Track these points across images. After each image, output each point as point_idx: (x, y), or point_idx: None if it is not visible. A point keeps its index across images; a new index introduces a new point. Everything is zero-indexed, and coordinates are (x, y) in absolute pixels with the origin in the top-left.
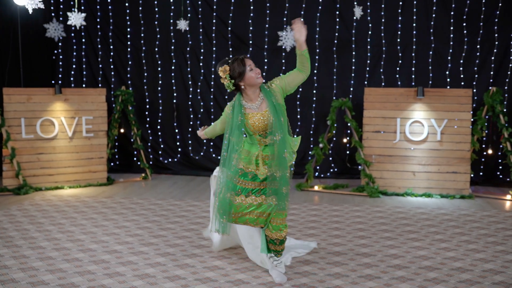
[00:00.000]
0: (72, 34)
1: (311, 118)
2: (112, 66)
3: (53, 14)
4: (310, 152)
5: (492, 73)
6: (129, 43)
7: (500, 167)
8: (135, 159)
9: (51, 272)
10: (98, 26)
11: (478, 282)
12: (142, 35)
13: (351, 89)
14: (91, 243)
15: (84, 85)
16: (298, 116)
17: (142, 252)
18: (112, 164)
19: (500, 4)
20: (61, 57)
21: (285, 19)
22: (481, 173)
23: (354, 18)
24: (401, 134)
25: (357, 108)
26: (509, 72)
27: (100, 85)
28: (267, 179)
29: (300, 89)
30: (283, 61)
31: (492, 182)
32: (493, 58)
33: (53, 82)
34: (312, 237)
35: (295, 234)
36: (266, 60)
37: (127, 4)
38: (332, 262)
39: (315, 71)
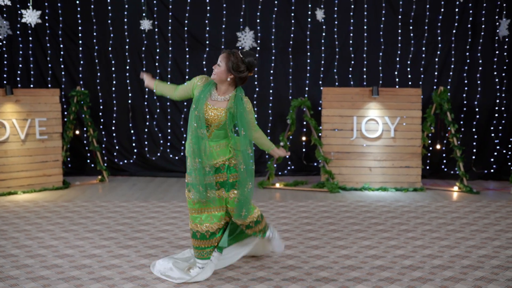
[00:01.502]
0: (18, 32)
1: (268, 117)
2: (62, 66)
3: None
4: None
5: (436, 73)
6: (80, 42)
7: (445, 161)
8: (88, 161)
9: (32, 280)
10: (47, 24)
11: (449, 266)
12: (95, 34)
13: (306, 88)
14: (66, 249)
15: (31, 85)
16: (256, 116)
17: (122, 255)
18: (63, 167)
19: (442, 10)
20: (5, 56)
21: (241, 20)
22: (427, 167)
23: (317, 20)
24: (357, 132)
25: (313, 107)
26: (451, 73)
27: (49, 85)
28: (219, 171)
29: (257, 89)
30: None
31: (437, 175)
32: (437, 59)
33: None
34: (287, 233)
35: None
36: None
37: (77, 2)
38: (313, 255)
39: (271, 71)
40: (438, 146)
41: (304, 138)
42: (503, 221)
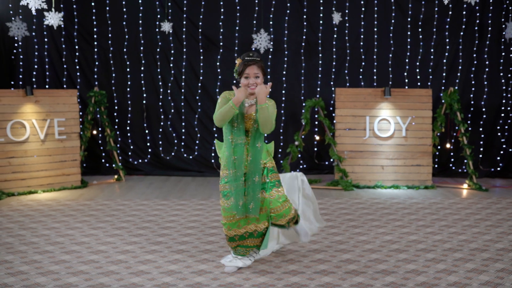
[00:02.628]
0: (34, 34)
1: (281, 117)
2: (77, 67)
3: (11, 12)
4: (279, 150)
5: (444, 74)
6: (95, 43)
7: (453, 160)
8: (103, 161)
9: (73, 274)
10: (62, 26)
11: (471, 259)
12: (110, 35)
13: (318, 89)
14: (98, 245)
15: (47, 86)
16: None
17: (155, 251)
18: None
19: (450, 13)
20: (21, 57)
21: (255, 21)
22: (436, 165)
23: (328, 22)
24: (370, 131)
25: (325, 108)
26: (459, 74)
27: (65, 86)
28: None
29: (270, 90)
30: None
31: (445, 173)
32: (445, 60)
33: (12, 83)
34: None
35: None
36: (236, 62)
37: (93, 4)
38: (339, 249)
39: (284, 72)
40: (448, 145)
41: (317, 138)
42: None
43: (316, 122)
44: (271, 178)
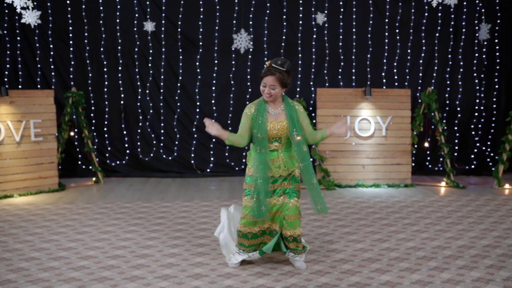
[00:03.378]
0: (5, 32)
1: None
2: (52, 67)
3: None
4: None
5: (421, 74)
6: (71, 42)
7: (429, 158)
8: (79, 162)
9: (65, 281)
10: (36, 24)
11: (460, 256)
12: (86, 34)
13: (298, 89)
14: (86, 250)
15: (20, 86)
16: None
17: (146, 255)
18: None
19: (426, 14)
20: None
21: (235, 21)
22: (413, 164)
23: (308, 22)
24: (351, 131)
25: (306, 108)
26: (434, 74)
27: (39, 86)
28: (276, 181)
29: (250, 90)
30: (233, 62)
31: (422, 172)
32: (421, 61)
33: None
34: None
35: None
36: (216, 62)
37: (68, 1)
38: (331, 250)
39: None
40: (426, 144)
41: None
42: (495, 213)
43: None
44: (294, 187)
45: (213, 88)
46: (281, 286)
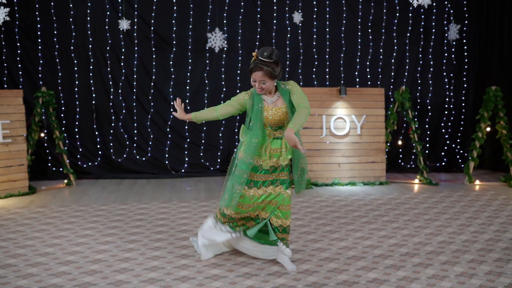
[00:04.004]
0: None
1: (235, 117)
2: (20, 66)
3: None
4: (235, 150)
5: (393, 73)
6: (39, 40)
7: (401, 156)
8: (49, 164)
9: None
10: (1, 21)
11: (442, 252)
12: (55, 32)
13: None
14: (65, 255)
15: None
16: None
17: (129, 258)
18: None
19: (397, 15)
20: None
21: (209, 20)
22: (386, 162)
23: (282, 22)
24: (326, 130)
25: None
26: (406, 73)
27: (5, 86)
28: (275, 171)
29: (224, 89)
30: (207, 61)
31: (395, 169)
32: (393, 60)
33: None
34: None
35: None
36: (190, 61)
37: None
38: (316, 248)
39: (238, 72)
40: (399, 142)
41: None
42: (469, 209)
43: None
44: (289, 178)
45: (187, 87)
46: (270, 286)
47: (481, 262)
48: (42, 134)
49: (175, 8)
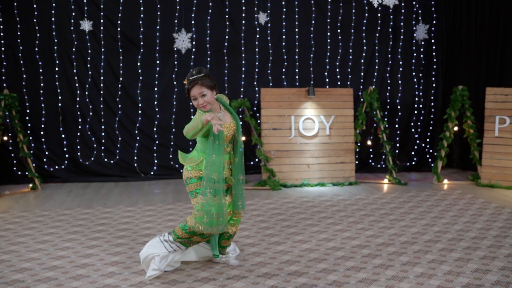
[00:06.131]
0: None
1: None
2: None
3: None
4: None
5: (362, 73)
6: (2, 41)
7: (372, 156)
8: (15, 168)
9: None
10: None
11: (403, 252)
12: (19, 33)
13: (242, 89)
14: (21, 262)
15: None
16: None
17: (86, 264)
18: None
19: (366, 15)
20: None
21: (176, 21)
22: (356, 162)
23: (251, 22)
24: (295, 130)
25: (251, 108)
26: (375, 73)
27: None
28: (226, 181)
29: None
30: (176, 62)
31: (365, 169)
32: (362, 60)
33: None
34: (245, 231)
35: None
36: (158, 62)
37: None
38: (278, 251)
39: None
40: (369, 142)
41: (243, 138)
42: (434, 208)
43: (241, 123)
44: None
45: (155, 89)
46: (255, 275)
47: (441, 262)
48: (6, 138)
49: (142, 8)
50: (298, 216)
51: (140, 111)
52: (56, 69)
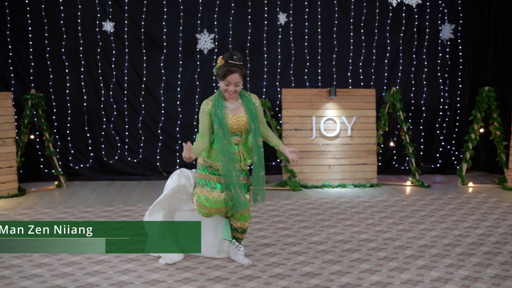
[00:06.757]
0: None
1: None
2: (11, 68)
3: None
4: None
5: (386, 74)
6: (30, 43)
7: (395, 157)
8: (41, 166)
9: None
10: None
11: (420, 256)
12: (46, 34)
13: (264, 90)
14: (41, 257)
15: None
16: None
17: (103, 261)
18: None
19: (390, 14)
20: None
21: (199, 22)
22: (380, 163)
23: (273, 23)
24: (316, 131)
25: (272, 108)
26: (399, 74)
27: None
28: (241, 174)
29: (215, 90)
30: (198, 63)
31: (389, 171)
32: (386, 61)
33: None
34: (262, 232)
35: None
36: (180, 62)
37: (27, 1)
38: (293, 252)
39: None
40: (391, 144)
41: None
42: (457, 212)
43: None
44: (248, 182)
45: (178, 89)
46: (268, 275)
47: (459, 267)
48: (33, 136)
49: (165, 9)
50: (316, 217)
51: (163, 111)
52: (82, 69)
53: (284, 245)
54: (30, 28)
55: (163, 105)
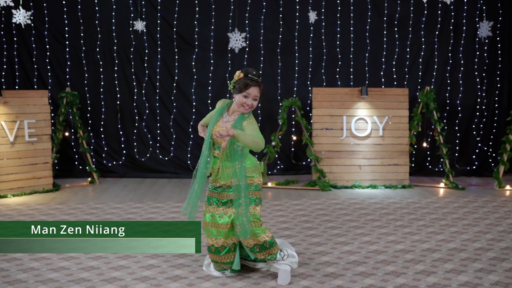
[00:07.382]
0: (2, 33)
1: (258, 118)
2: (48, 67)
3: None
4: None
5: (420, 73)
6: (67, 43)
7: (429, 159)
8: (76, 163)
9: (42, 282)
10: (32, 25)
11: (449, 259)
12: (82, 34)
13: (295, 89)
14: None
15: (17, 87)
16: None
17: (129, 256)
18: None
19: (425, 12)
20: None
21: (230, 21)
22: (413, 165)
23: (305, 21)
24: (347, 131)
25: (302, 107)
26: (434, 73)
27: (35, 87)
28: (224, 190)
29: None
30: (229, 62)
31: (422, 172)
32: (420, 59)
33: None
34: (287, 231)
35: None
36: (212, 61)
37: (64, 2)
38: (318, 252)
39: (260, 72)
40: (424, 144)
41: (294, 138)
42: (491, 215)
43: (293, 122)
44: (251, 195)
45: (209, 88)
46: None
47: (489, 272)
48: (67, 133)
49: (197, 9)
50: (343, 217)
51: (194, 110)
52: (116, 68)
53: (309, 245)
54: (66, 29)
55: (194, 103)
